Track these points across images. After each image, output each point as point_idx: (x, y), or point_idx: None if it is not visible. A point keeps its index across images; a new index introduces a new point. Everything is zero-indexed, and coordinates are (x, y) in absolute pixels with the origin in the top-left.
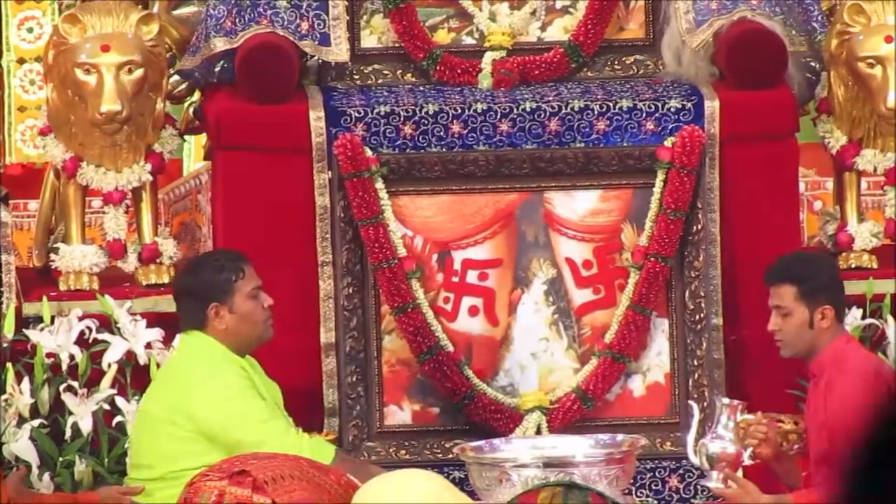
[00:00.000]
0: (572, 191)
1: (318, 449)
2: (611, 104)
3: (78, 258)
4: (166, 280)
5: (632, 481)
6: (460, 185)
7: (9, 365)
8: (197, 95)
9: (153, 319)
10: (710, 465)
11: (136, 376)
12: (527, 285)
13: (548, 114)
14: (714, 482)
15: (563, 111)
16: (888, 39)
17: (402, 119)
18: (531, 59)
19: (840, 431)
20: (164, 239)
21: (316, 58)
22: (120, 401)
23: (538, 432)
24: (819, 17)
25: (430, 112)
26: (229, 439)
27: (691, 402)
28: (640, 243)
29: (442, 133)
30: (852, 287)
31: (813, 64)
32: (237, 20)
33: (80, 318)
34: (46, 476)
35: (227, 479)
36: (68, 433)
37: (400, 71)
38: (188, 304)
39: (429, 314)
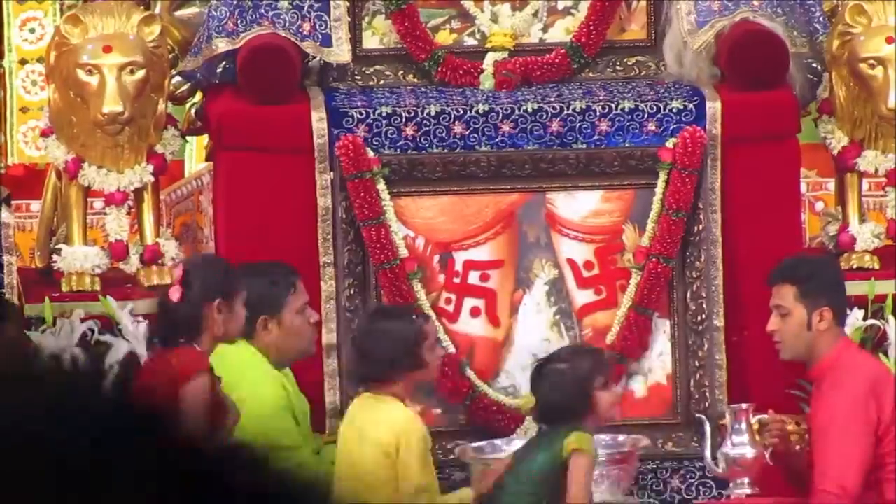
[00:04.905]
0: (574, 191)
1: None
2: (613, 105)
3: (80, 259)
4: (168, 281)
5: (633, 482)
6: (462, 186)
7: None
8: (199, 96)
9: (155, 321)
10: (735, 473)
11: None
12: (528, 286)
13: (549, 115)
14: (745, 489)
15: (565, 112)
16: (889, 40)
17: (403, 120)
18: (533, 60)
19: (826, 442)
20: (166, 240)
21: (318, 59)
22: None
23: None
24: (820, 18)
25: (432, 113)
26: None
27: (701, 416)
28: (642, 244)
29: (444, 134)
30: (854, 288)
31: (814, 65)
32: (239, 21)
33: (83, 320)
34: None
35: None
36: None
37: (402, 72)
38: None
39: (430, 315)
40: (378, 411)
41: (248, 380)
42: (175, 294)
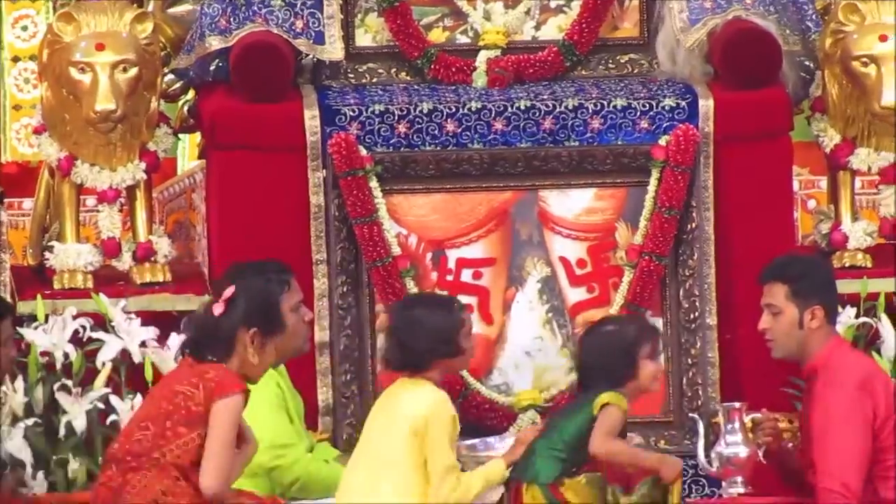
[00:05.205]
0: (566, 189)
1: (319, 473)
2: (605, 103)
3: (72, 257)
4: (161, 279)
5: None
6: (454, 184)
7: None
8: (191, 94)
9: (148, 318)
10: (729, 472)
11: (130, 375)
12: (521, 284)
13: (542, 112)
14: (738, 487)
15: (558, 110)
16: (882, 38)
17: (396, 118)
18: (525, 58)
19: (826, 441)
20: (158, 237)
21: (310, 56)
22: (114, 399)
23: None
24: (813, 16)
25: (425, 111)
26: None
27: (694, 415)
28: (635, 242)
29: (436, 132)
30: (846, 286)
31: (807, 63)
32: (232, 19)
33: (75, 317)
34: (40, 475)
35: None
36: (62, 432)
37: (394, 69)
38: None
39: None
40: (411, 393)
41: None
42: (218, 309)
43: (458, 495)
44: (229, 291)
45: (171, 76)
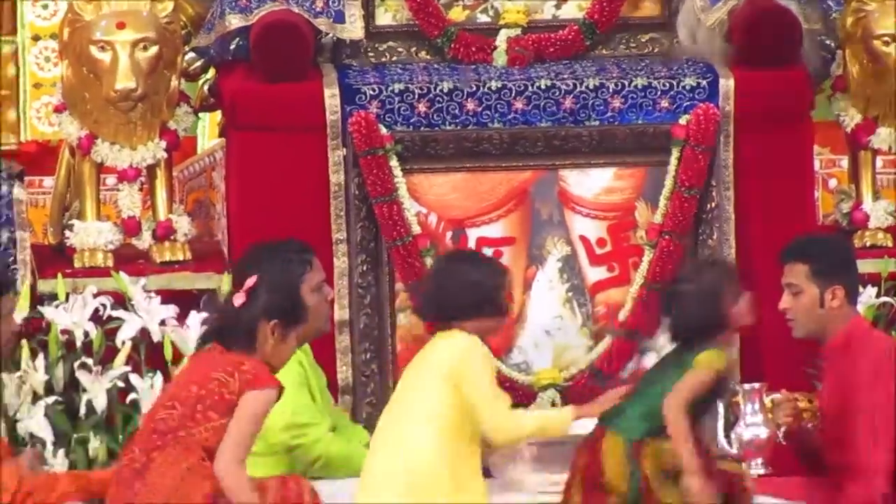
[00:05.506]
0: (587, 169)
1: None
2: (626, 82)
3: (93, 235)
4: (181, 257)
5: None
6: (475, 163)
7: (24, 342)
8: (212, 72)
9: (167, 296)
10: (749, 454)
11: (150, 353)
12: (541, 263)
13: (562, 91)
14: (758, 468)
15: (578, 89)
16: None
17: (416, 97)
18: (546, 37)
19: (850, 422)
20: (178, 216)
21: (331, 35)
22: (134, 378)
23: None
24: None
25: (445, 90)
26: (273, 428)
27: None
28: (655, 221)
29: (456, 111)
30: (867, 265)
31: (828, 42)
32: None
33: (95, 296)
34: (61, 453)
35: None
36: (83, 410)
37: (414, 48)
38: None
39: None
40: (441, 343)
41: None
42: (239, 300)
43: (511, 426)
44: (251, 282)
45: (191, 55)
